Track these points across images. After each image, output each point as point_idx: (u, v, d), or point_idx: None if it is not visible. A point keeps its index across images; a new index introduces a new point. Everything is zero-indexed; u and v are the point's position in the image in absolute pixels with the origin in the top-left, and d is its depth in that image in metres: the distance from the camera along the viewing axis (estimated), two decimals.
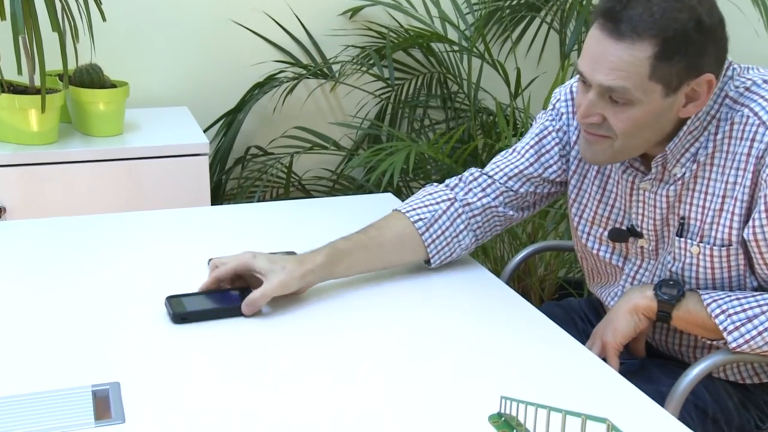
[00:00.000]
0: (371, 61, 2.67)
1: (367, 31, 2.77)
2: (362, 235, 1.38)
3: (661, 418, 1.02)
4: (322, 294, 1.34)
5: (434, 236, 1.42)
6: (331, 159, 2.88)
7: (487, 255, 2.70)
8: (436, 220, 1.42)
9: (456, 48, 2.74)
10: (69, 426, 0.94)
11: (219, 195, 2.69)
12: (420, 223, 1.42)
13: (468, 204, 1.45)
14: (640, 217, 1.37)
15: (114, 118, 2.25)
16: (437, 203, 1.45)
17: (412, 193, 2.80)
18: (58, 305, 1.26)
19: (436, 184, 1.52)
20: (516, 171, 1.46)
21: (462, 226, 1.44)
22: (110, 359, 1.10)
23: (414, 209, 1.44)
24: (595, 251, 1.45)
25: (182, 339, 1.17)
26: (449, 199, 1.45)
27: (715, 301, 1.25)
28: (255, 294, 1.24)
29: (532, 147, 1.46)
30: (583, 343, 1.44)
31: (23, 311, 1.24)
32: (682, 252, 1.31)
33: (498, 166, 1.48)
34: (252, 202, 2.60)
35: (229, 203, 2.68)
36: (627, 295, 1.32)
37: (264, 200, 2.67)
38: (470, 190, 1.46)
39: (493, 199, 1.46)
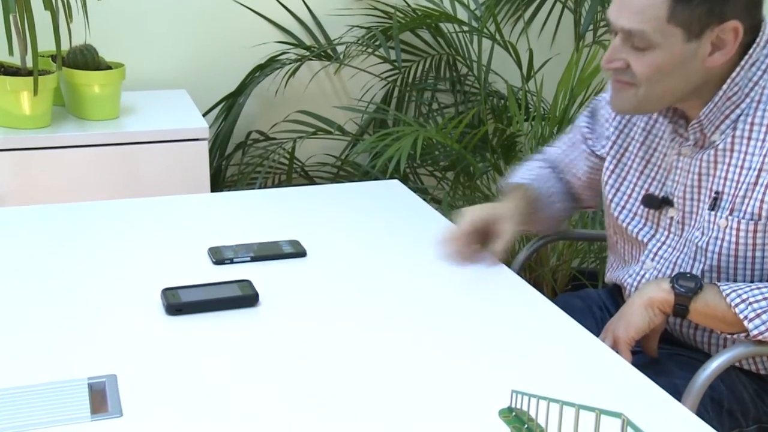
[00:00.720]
0: (377, 42, 2.66)
1: (373, 10, 2.76)
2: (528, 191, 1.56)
3: (678, 412, 1.02)
4: (323, 285, 1.34)
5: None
6: (336, 144, 2.88)
7: None
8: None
9: (466, 28, 2.73)
10: (64, 419, 0.95)
11: (219, 181, 2.70)
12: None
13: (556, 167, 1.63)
14: (674, 185, 1.39)
15: (109, 101, 2.26)
16: (547, 179, 1.61)
17: (420, 180, 2.82)
18: (51, 295, 1.27)
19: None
20: (567, 160, 1.60)
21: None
22: (106, 351, 1.11)
23: (525, 180, 1.60)
24: (625, 225, 1.46)
25: (179, 331, 1.18)
26: (555, 175, 1.62)
27: (734, 291, 1.26)
28: (504, 243, 1.42)
29: (568, 137, 1.60)
30: (599, 330, 1.44)
31: (16, 301, 1.24)
32: (711, 225, 1.32)
33: (554, 151, 1.64)
34: (253, 188, 2.60)
35: (229, 190, 2.69)
36: (642, 289, 1.32)
37: (265, 187, 2.67)
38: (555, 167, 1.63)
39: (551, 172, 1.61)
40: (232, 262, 1.39)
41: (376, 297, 1.30)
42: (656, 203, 1.42)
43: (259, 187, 2.61)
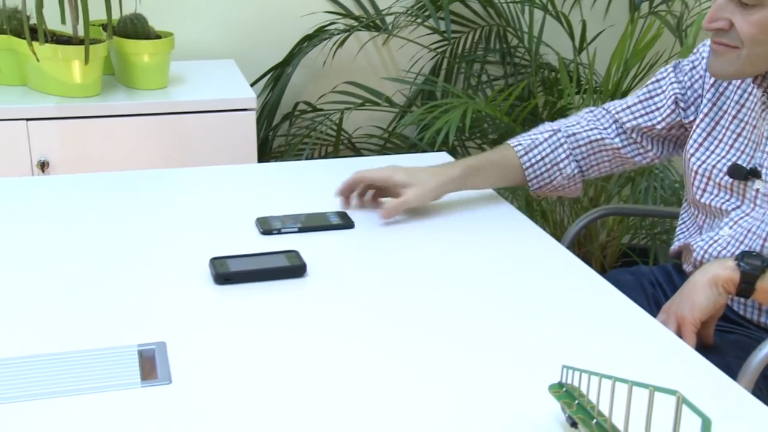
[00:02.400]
0: (426, 13, 2.64)
1: None
2: (489, 154, 1.58)
3: (734, 392, 1.01)
4: (371, 257, 1.34)
5: (533, 161, 1.54)
6: (383, 116, 2.87)
7: (546, 219, 2.68)
8: (536, 146, 1.55)
9: None
10: (115, 385, 0.96)
11: (266, 152, 2.71)
12: (519, 147, 1.55)
13: (573, 135, 1.56)
14: (764, 155, 1.36)
15: (158, 70, 2.27)
16: (540, 133, 1.57)
17: (468, 153, 2.80)
18: (101, 263, 1.29)
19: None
20: (625, 106, 1.54)
21: (563, 155, 1.55)
22: (155, 319, 1.12)
23: (517, 139, 1.58)
24: (708, 199, 1.44)
25: (227, 300, 1.19)
26: (552, 130, 1.57)
27: None
28: (395, 202, 1.45)
29: (646, 86, 1.54)
30: (652, 308, 1.42)
31: (66, 269, 1.26)
32: None
33: (612, 102, 1.58)
34: (300, 159, 2.61)
35: (276, 161, 2.70)
36: (705, 267, 1.28)
37: (312, 158, 2.68)
38: (578, 122, 1.57)
39: (601, 131, 1.55)
40: (279, 232, 1.40)
41: (423, 269, 1.30)
42: (742, 174, 1.38)
43: (306, 159, 2.62)
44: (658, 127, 1.51)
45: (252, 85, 2.65)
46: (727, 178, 1.40)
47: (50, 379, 0.97)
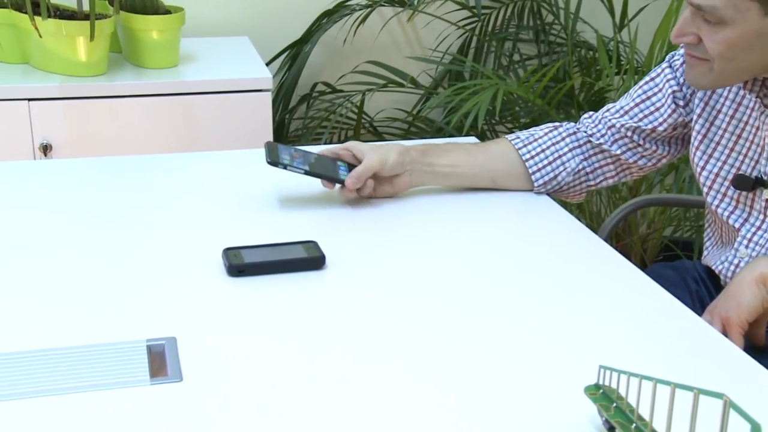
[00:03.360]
0: None
1: None
2: (483, 144, 1.58)
3: None
4: (392, 245, 1.34)
5: (533, 153, 1.53)
6: (407, 98, 2.87)
7: (582, 210, 2.67)
8: (535, 139, 1.54)
9: None
10: (123, 382, 0.97)
11: (282, 135, 2.72)
12: (517, 140, 1.54)
13: (574, 133, 1.55)
14: None
15: (168, 47, 2.28)
16: (540, 129, 1.57)
17: (498, 137, 2.79)
18: (106, 253, 1.30)
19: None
20: (622, 111, 1.52)
21: (566, 149, 1.54)
22: (165, 312, 1.13)
23: (515, 133, 1.57)
24: (714, 207, 1.42)
25: (241, 293, 1.19)
26: (553, 126, 1.56)
27: None
28: (358, 168, 1.44)
29: (641, 87, 1.52)
30: (695, 306, 1.41)
31: (69, 259, 1.28)
32: None
33: (607, 107, 1.56)
34: (318, 144, 2.61)
35: (293, 145, 2.70)
36: (751, 265, 1.28)
37: (331, 143, 2.68)
38: (579, 127, 1.56)
39: (600, 137, 1.53)
40: (285, 168, 1.42)
41: (451, 262, 1.30)
42: (749, 184, 1.37)
43: (325, 143, 2.63)
44: (660, 128, 1.49)
45: (267, 64, 2.66)
46: (732, 188, 1.40)
47: (54, 376, 0.98)
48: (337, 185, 1.46)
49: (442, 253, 1.33)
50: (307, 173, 1.43)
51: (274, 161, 1.42)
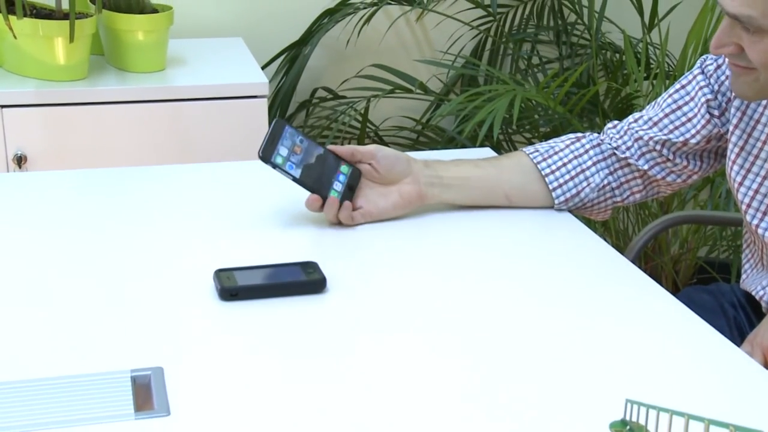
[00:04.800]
0: None
1: None
2: (497, 157, 1.60)
3: None
4: (399, 266, 1.35)
5: (553, 167, 1.53)
6: (416, 105, 2.88)
7: (608, 228, 2.67)
8: (556, 152, 1.55)
9: None
10: (105, 417, 0.98)
11: None
12: (535, 154, 1.54)
13: (598, 145, 1.55)
14: None
15: (155, 50, 2.29)
16: (561, 141, 1.57)
17: (515, 149, 2.79)
18: (87, 274, 1.30)
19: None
20: (651, 122, 1.52)
21: (590, 162, 1.54)
22: (151, 340, 1.14)
23: (533, 146, 1.57)
24: (753, 226, 1.42)
25: (234, 319, 1.20)
26: (575, 137, 1.56)
27: None
28: (367, 210, 1.46)
29: (670, 95, 1.52)
30: (733, 334, 1.41)
31: (46, 281, 1.28)
32: None
33: (634, 116, 1.55)
34: None
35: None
36: None
37: None
38: (603, 138, 1.56)
39: (626, 150, 1.53)
40: (275, 167, 1.42)
41: (464, 285, 1.30)
42: None
43: None
44: (693, 141, 1.49)
45: (263, 67, 2.67)
46: None
47: (29, 410, 0.98)
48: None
49: (454, 275, 1.33)
50: (295, 180, 1.43)
51: (265, 157, 1.41)
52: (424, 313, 1.22)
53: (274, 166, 1.42)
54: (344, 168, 1.47)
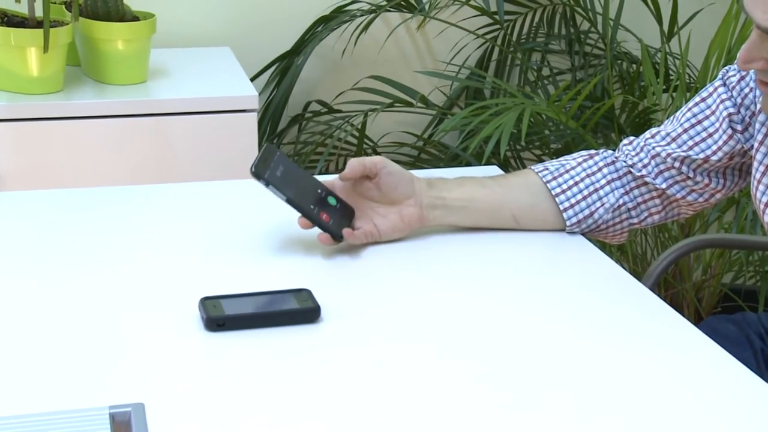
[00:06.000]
0: None
1: None
2: (478, 177, 1.57)
3: None
4: (400, 290, 1.35)
5: (564, 186, 1.53)
6: (417, 119, 2.88)
7: (624, 252, 2.68)
8: (567, 170, 1.55)
9: None
10: None
11: None
12: (545, 172, 1.55)
13: (612, 162, 1.56)
14: None
15: (136, 60, 2.30)
16: (572, 158, 1.57)
17: (524, 166, 2.80)
18: (64, 304, 1.30)
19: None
20: (669, 138, 1.52)
21: (604, 181, 1.54)
22: (131, 374, 1.13)
23: (543, 164, 1.57)
24: None
25: (220, 351, 1.20)
26: (588, 155, 1.56)
27: None
28: (369, 229, 1.46)
29: (690, 109, 1.52)
30: (761, 368, 1.41)
31: (18, 312, 1.28)
32: None
33: (651, 132, 1.56)
34: (313, 173, 2.62)
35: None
36: None
37: (328, 172, 2.70)
38: (618, 155, 1.57)
39: (643, 167, 1.53)
40: (267, 184, 1.40)
41: (470, 315, 1.30)
42: None
43: (321, 173, 2.63)
44: (714, 158, 1.49)
45: (252, 79, 2.68)
46: None
47: None
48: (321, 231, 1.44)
49: (458, 304, 1.33)
50: (289, 202, 1.42)
51: (258, 174, 1.40)
52: (425, 345, 1.22)
53: (267, 183, 1.40)
54: (331, 200, 1.46)
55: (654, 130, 1.55)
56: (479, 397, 1.11)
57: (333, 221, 1.43)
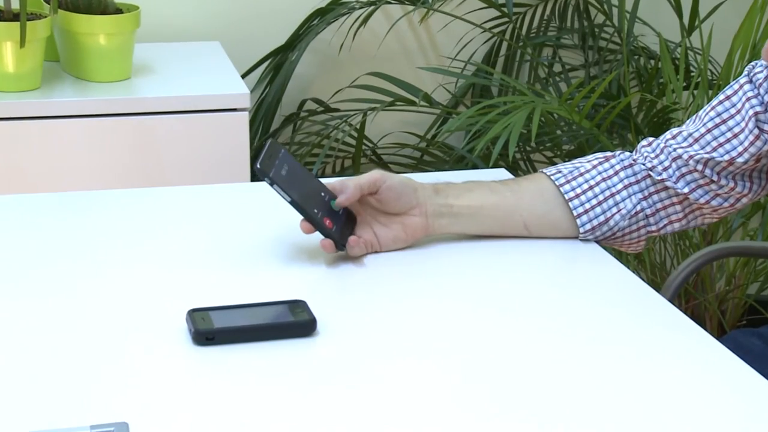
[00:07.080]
0: None
1: None
2: (486, 181, 1.56)
3: None
4: (399, 302, 1.35)
5: (578, 191, 1.53)
6: (420, 119, 2.88)
7: (642, 262, 2.68)
8: (581, 174, 1.55)
9: None
10: None
11: None
12: (558, 175, 1.54)
13: (630, 165, 1.55)
14: None
15: (119, 56, 2.30)
16: (587, 161, 1.56)
17: (534, 169, 2.80)
18: (43, 316, 1.30)
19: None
20: (691, 139, 1.51)
21: (620, 186, 1.53)
22: (114, 391, 1.13)
23: (555, 166, 1.57)
24: None
25: (209, 366, 1.20)
26: (604, 157, 1.56)
27: None
28: (368, 239, 1.46)
29: (713, 108, 1.52)
30: None
31: None
32: None
33: (671, 132, 1.55)
34: None
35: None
36: None
37: (325, 175, 2.70)
38: (636, 158, 1.56)
39: (663, 170, 1.53)
40: (272, 182, 1.38)
41: (476, 327, 1.30)
42: None
43: (317, 176, 2.63)
44: (740, 160, 1.48)
45: (244, 76, 2.68)
46: None
47: None
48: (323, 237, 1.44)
49: (463, 317, 1.33)
50: (293, 204, 1.41)
51: (264, 171, 1.37)
52: (427, 360, 1.22)
53: (272, 182, 1.38)
54: (333, 202, 1.45)
55: (675, 131, 1.55)
56: (486, 419, 1.12)
57: (336, 228, 1.43)
